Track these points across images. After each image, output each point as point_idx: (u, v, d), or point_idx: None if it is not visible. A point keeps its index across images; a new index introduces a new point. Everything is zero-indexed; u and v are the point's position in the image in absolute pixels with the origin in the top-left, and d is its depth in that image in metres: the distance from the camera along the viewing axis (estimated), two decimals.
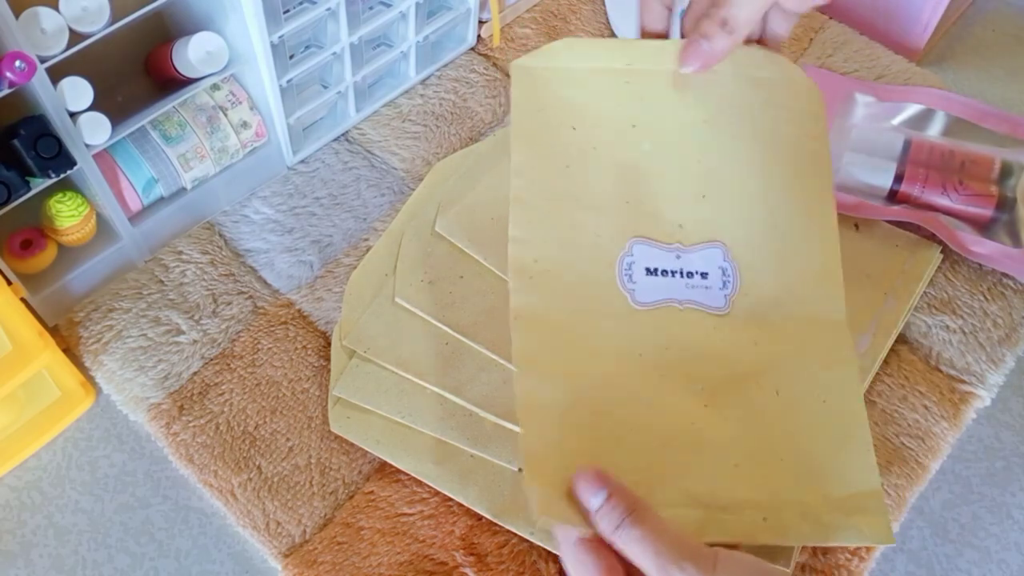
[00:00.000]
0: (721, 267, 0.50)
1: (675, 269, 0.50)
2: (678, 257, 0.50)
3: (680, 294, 0.49)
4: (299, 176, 0.72)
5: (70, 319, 0.63)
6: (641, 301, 0.49)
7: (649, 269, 0.49)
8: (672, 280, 0.49)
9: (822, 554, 0.57)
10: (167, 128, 0.62)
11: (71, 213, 0.59)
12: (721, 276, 0.50)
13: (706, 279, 0.50)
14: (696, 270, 0.50)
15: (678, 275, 0.50)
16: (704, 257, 0.50)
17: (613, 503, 0.38)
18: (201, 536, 0.57)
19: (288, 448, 0.59)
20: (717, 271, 0.50)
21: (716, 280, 0.50)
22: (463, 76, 0.79)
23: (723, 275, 0.50)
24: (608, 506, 0.38)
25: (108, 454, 0.60)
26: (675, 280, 0.49)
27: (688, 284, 0.50)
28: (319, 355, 0.63)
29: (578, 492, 0.39)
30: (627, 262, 0.49)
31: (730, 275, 0.50)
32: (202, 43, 0.61)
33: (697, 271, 0.50)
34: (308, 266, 0.67)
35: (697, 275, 0.50)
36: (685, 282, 0.50)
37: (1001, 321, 0.66)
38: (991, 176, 0.70)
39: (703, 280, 0.50)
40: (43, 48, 0.52)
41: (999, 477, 0.63)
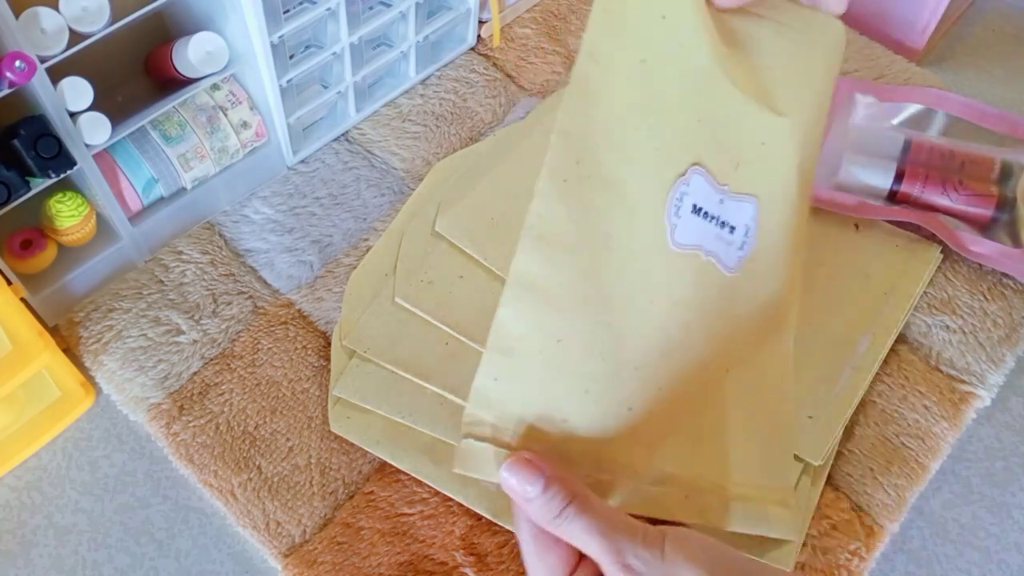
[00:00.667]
0: (747, 225, 0.45)
1: (716, 214, 0.44)
2: (721, 201, 0.44)
3: (709, 243, 0.44)
4: (299, 176, 0.72)
5: (70, 319, 0.63)
6: (678, 242, 0.43)
7: (696, 207, 0.43)
8: (709, 225, 0.44)
9: (822, 553, 0.57)
10: (167, 128, 0.62)
11: (71, 213, 0.59)
12: (744, 235, 0.45)
13: (732, 234, 0.44)
14: (728, 221, 0.44)
15: (715, 222, 0.44)
16: (739, 209, 0.44)
17: (551, 493, 0.36)
18: (201, 536, 0.57)
19: (288, 448, 0.59)
20: (743, 228, 0.44)
21: (739, 237, 0.44)
22: (463, 76, 0.79)
23: (745, 234, 0.45)
24: (546, 496, 0.36)
25: (108, 454, 0.60)
26: (711, 226, 0.44)
27: (718, 235, 0.44)
28: (319, 355, 0.63)
29: (509, 483, 0.37)
30: (681, 191, 0.43)
31: (750, 236, 0.45)
32: (202, 43, 0.61)
33: (729, 223, 0.44)
34: (308, 266, 0.67)
35: (728, 227, 0.44)
36: (717, 232, 0.44)
37: (1001, 321, 0.66)
38: (991, 176, 0.70)
39: (730, 234, 0.44)
40: (43, 48, 0.52)
41: (999, 477, 0.63)
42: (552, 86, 0.79)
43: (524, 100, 0.78)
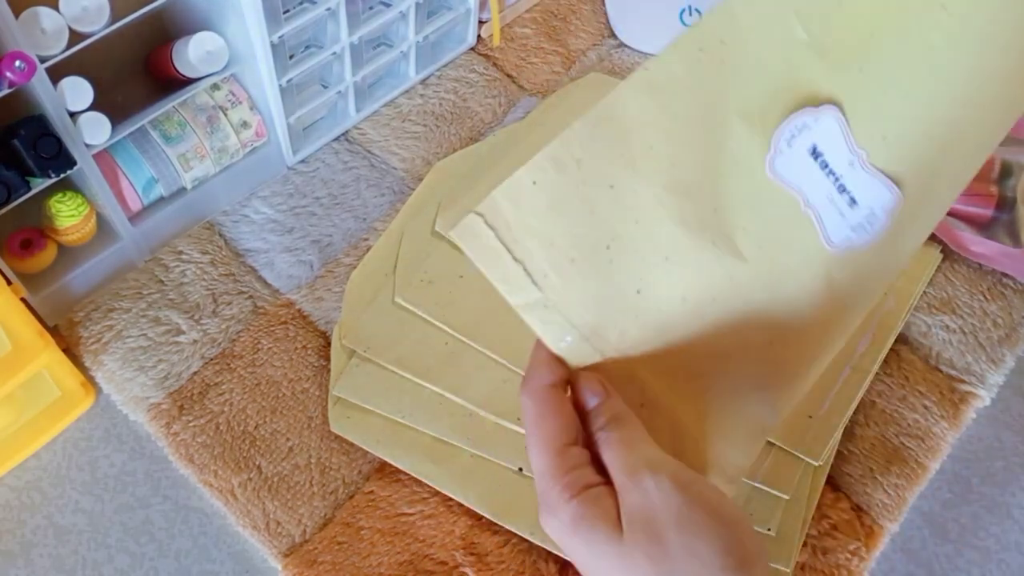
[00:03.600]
0: (876, 212, 0.39)
1: (838, 173, 0.39)
2: (851, 164, 0.39)
3: (815, 198, 0.39)
4: (299, 176, 0.72)
5: (70, 319, 0.63)
6: (776, 170, 0.38)
7: (815, 150, 0.39)
8: (823, 180, 0.39)
9: (822, 553, 0.57)
10: (167, 128, 0.62)
11: (71, 213, 0.59)
12: (867, 219, 0.39)
13: (852, 208, 0.39)
14: (853, 192, 0.39)
15: (833, 180, 0.39)
16: (873, 189, 0.39)
17: (607, 405, 0.37)
18: (201, 536, 0.57)
19: (288, 448, 0.59)
20: (867, 211, 0.39)
21: (859, 217, 0.39)
22: (463, 76, 0.79)
23: (869, 220, 0.39)
24: (601, 407, 0.37)
25: (108, 454, 0.60)
26: (826, 182, 0.39)
27: (831, 196, 0.39)
28: (319, 355, 0.63)
29: (579, 391, 0.37)
30: (802, 123, 0.38)
31: (876, 227, 0.39)
32: (202, 43, 0.61)
33: (852, 193, 0.39)
34: (308, 266, 0.67)
35: (848, 196, 0.39)
36: (832, 193, 0.39)
37: (1001, 321, 0.66)
38: (991, 176, 0.70)
39: (849, 207, 0.39)
40: (43, 48, 0.52)
41: (999, 477, 0.62)
42: (552, 86, 0.79)
43: (524, 100, 0.78)
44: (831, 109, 0.38)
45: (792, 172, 0.38)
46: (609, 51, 0.82)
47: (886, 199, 0.39)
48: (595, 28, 0.83)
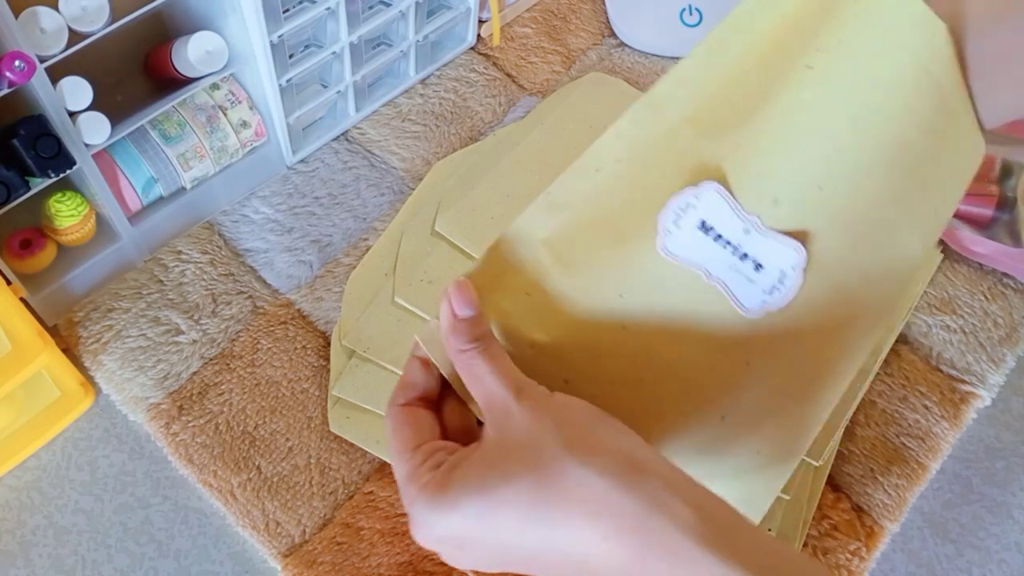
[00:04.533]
0: (783, 271, 0.40)
1: (734, 242, 0.40)
2: (746, 232, 0.40)
3: (717, 269, 0.40)
4: (299, 176, 0.72)
5: (69, 319, 0.63)
6: (668, 251, 0.40)
7: (704, 225, 0.40)
8: (721, 251, 0.40)
9: (822, 553, 0.57)
10: (166, 128, 0.62)
11: (70, 213, 0.59)
12: (777, 280, 0.40)
13: (758, 272, 0.40)
14: (755, 257, 0.40)
15: (730, 250, 0.40)
16: (774, 250, 0.40)
17: (477, 319, 0.38)
18: (200, 536, 0.57)
19: (288, 448, 0.59)
20: (776, 272, 0.40)
21: (768, 280, 0.40)
22: (463, 76, 0.79)
23: (779, 280, 0.40)
24: (472, 320, 0.38)
25: (107, 454, 0.60)
26: (723, 253, 0.40)
27: (734, 265, 0.40)
28: (318, 355, 0.63)
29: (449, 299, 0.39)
30: (685, 202, 0.40)
31: (787, 286, 0.40)
32: (201, 42, 0.61)
33: (755, 259, 0.40)
34: (308, 266, 0.67)
35: (751, 262, 0.40)
36: (733, 261, 0.40)
37: (1001, 321, 0.66)
38: (991, 176, 0.70)
39: (755, 271, 0.40)
40: (42, 48, 0.52)
41: (999, 477, 0.62)
42: (552, 85, 0.79)
43: (524, 100, 0.78)
44: (710, 184, 0.40)
45: (686, 250, 0.41)
46: (609, 51, 0.82)
47: (792, 258, 0.40)
48: (595, 28, 0.83)
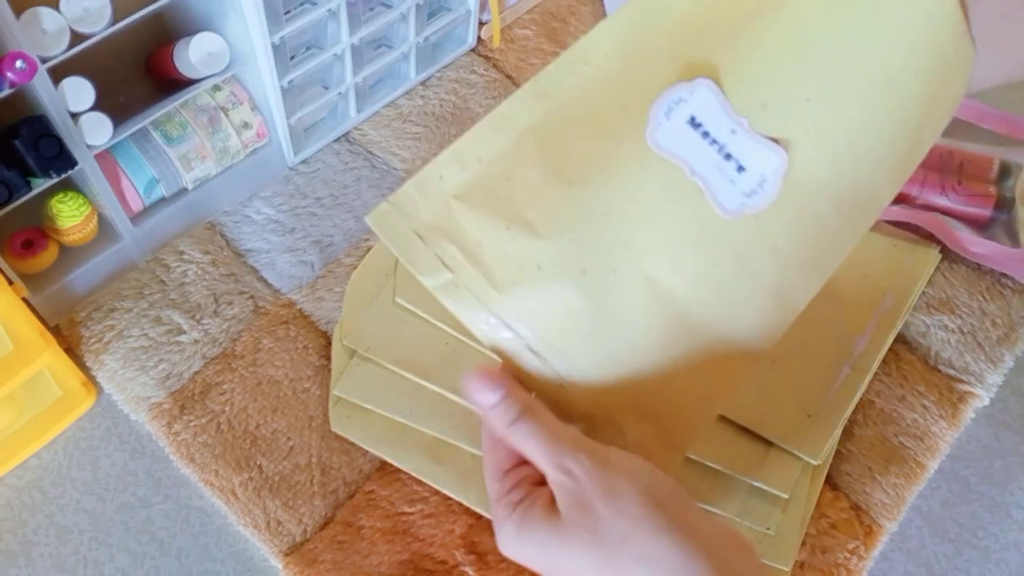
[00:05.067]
0: (764, 175, 0.40)
1: (720, 141, 0.40)
2: (733, 132, 0.40)
3: (700, 166, 0.40)
4: (300, 176, 0.72)
5: (71, 319, 0.63)
6: (657, 143, 0.40)
7: (694, 120, 0.40)
8: (706, 149, 0.40)
9: (821, 552, 0.57)
10: (168, 128, 0.63)
11: (72, 213, 0.59)
12: (757, 183, 0.40)
13: (740, 174, 0.40)
14: (738, 158, 0.40)
15: (716, 148, 0.40)
16: (759, 154, 0.40)
17: (508, 402, 0.39)
18: (202, 535, 0.57)
19: (289, 447, 0.59)
20: (757, 175, 0.40)
21: (748, 182, 0.40)
22: (463, 77, 0.79)
23: (759, 184, 0.40)
24: (503, 405, 0.39)
25: (109, 453, 0.60)
26: (709, 150, 0.40)
27: (717, 164, 0.40)
28: (320, 355, 0.63)
29: (471, 393, 0.40)
30: (677, 96, 0.39)
31: (766, 191, 0.40)
32: (203, 44, 0.61)
33: (738, 160, 0.40)
34: (309, 266, 0.67)
35: (735, 162, 0.40)
36: (716, 160, 0.40)
37: (1000, 321, 0.67)
38: (989, 176, 0.70)
39: (737, 173, 0.40)
40: (44, 48, 0.52)
41: (998, 476, 0.63)
42: None
43: None
44: (704, 81, 0.40)
45: (674, 143, 0.40)
46: None
47: (774, 163, 0.40)
48: None
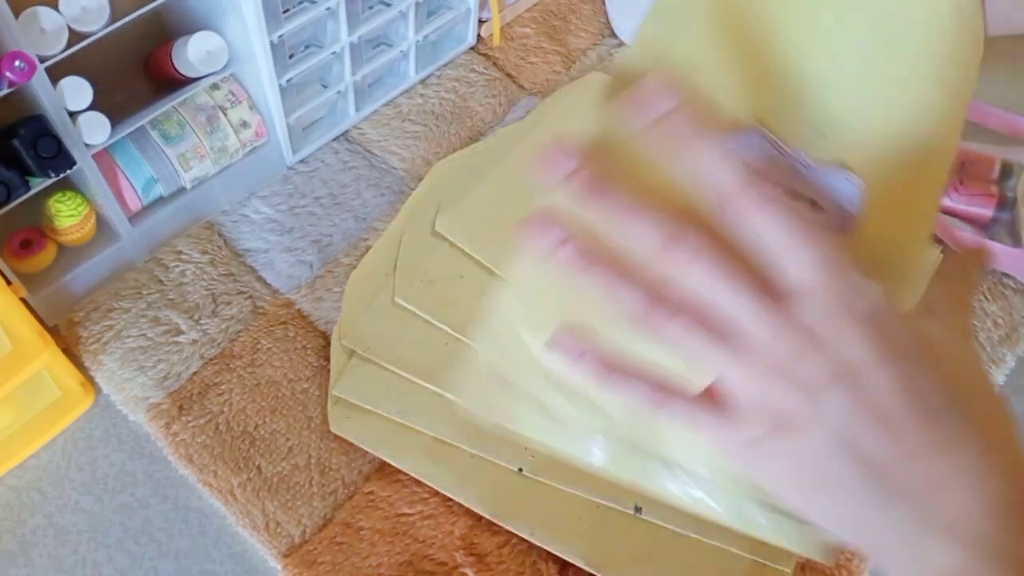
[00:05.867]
0: (838, 198, 0.37)
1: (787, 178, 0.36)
2: (797, 172, 0.37)
3: None
4: (299, 176, 0.72)
5: (70, 319, 0.63)
6: None
7: None
8: None
9: None
10: (167, 128, 0.62)
11: (71, 213, 0.59)
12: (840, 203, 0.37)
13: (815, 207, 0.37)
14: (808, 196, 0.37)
15: None
16: (827, 180, 0.37)
17: None
18: (201, 536, 0.57)
19: (288, 448, 0.59)
20: (832, 208, 0.37)
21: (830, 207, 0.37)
22: (463, 76, 0.79)
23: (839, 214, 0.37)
24: None
25: (108, 454, 0.60)
26: None
27: None
28: (319, 355, 0.63)
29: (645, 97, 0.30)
30: None
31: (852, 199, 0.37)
32: (201, 43, 0.61)
33: (808, 198, 0.37)
34: (308, 266, 0.67)
35: (806, 203, 0.37)
36: None
37: (1001, 321, 0.66)
38: (991, 176, 0.70)
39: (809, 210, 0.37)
40: (43, 48, 0.52)
41: None
42: (552, 86, 0.79)
43: (524, 100, 0.78)
44: (752, 132, 0.37)
45: None
46: (609, 51, 0.82)
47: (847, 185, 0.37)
48: (595, 28, 0.83)
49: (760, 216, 0.29)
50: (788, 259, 0.30)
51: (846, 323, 0.29)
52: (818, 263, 0.29)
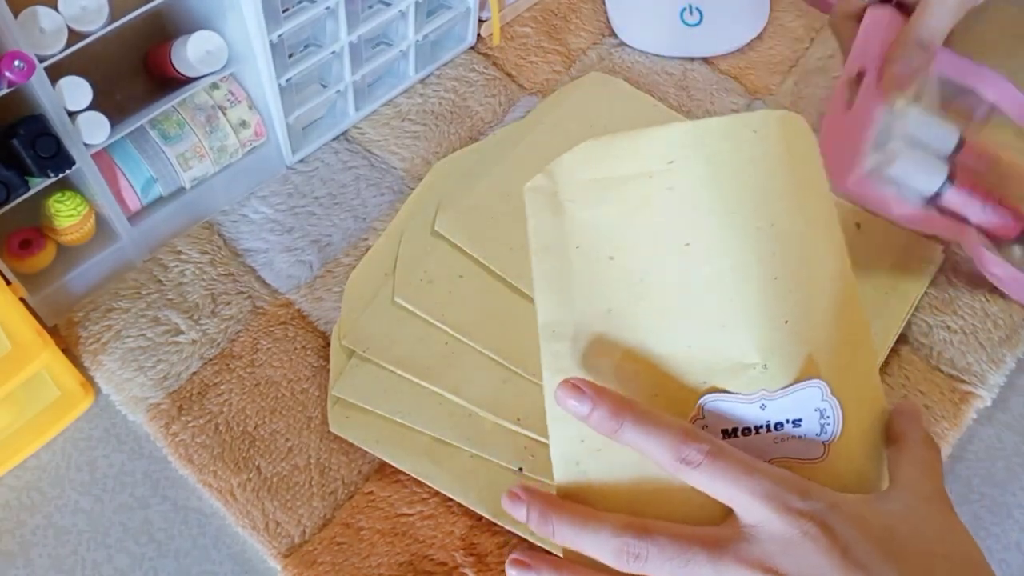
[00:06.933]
0: (819, 408, 0.38)
1: (760, 423, 0.38)
2: (763, 408, 0.38)
3: (768, 452, 0.39)
4: (298, 175, 0.71)
5: (69, 319, 0.63)
6: None
7: (727, 432, 0.39)
8: (757, 438, 0.38)
9: None
10: (166, 127, 0.62)
11: (70, 213, 0.59)
12: (819, 420, 0.38)
13: (799, 427, 0.38)
14: (787, 418, 0.38)
15: (764, 429, 0.38)
16: (797, 400, 0.38)
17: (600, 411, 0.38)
18: (200, 536, 0.57)
19: (287, 448, 0.59)
20: (813, 414, 0.38)
21: (812, 425, 0.39)
22: (463, 75, 0.79)
23: (821, 418, 0.38)
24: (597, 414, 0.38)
25: (107, 454, 0.60)
26: (761, 437, 0.38)
27: (777, 438, 0.39)
28: (318, 355, 0.63)
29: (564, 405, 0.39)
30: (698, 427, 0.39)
31: (829, 416, 0.39)
32: (201, 42, 0.61)
33: (788, 419, 0.38)
34: (307, 266, 0.67)
35: (789, 424, 0.38)
36: (774, 436, 0.39)
37: (1002, 322, 0.66)
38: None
39: (795, 428, 0.38)
40: (42, 47, 0.52)
41: (999, 477, 0.62)
42: (552, 85, 0.79)
43: (524, 99, 0.78)
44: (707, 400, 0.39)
45: None
46: (609, 50, 0.82)
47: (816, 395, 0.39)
48: (595, 27, 0.83)
49: (697, 478, 0.36)
50: (734, 508, 0.36)
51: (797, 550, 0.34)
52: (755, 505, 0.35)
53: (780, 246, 0.39)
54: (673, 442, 0.36)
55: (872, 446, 0.42)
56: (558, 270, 0.41)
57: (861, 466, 0.41)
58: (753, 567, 0.35)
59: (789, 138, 0.41)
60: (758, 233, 0.38)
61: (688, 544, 0.36)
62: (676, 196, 0.39)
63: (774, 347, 0.38)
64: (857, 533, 0.35)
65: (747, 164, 0.39)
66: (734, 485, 0.36)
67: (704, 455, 0.36)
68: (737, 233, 0.38)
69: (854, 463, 0.41)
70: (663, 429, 0.37)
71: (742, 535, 0.36)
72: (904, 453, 0.40)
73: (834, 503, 0.36)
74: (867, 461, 0.41)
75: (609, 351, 0.40)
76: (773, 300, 0.38)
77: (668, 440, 0.36)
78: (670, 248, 0.39)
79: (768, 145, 0.40)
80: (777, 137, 0.40)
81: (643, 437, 0.37)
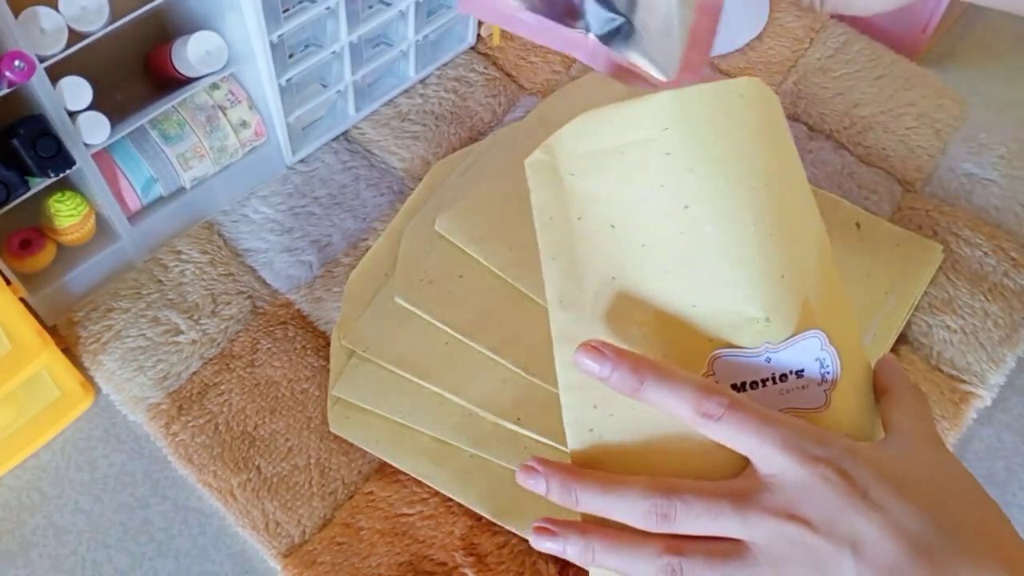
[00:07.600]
0: (819, 358, 0.39)
1: (767, 376, 0.39)
2: (768, 360, 0.39)
3: (776, 404, 0.39)
4: (298, 176, 0.71)
5: (69, 319, 0.63)
6: None
7: (735, 387, 0.39)
8: (765, 391, 0.39)
9: None
10: (166, 127, 0.62)
11: (70, 212, 0.59)
12: (819, 369, 0.39)
13: (801, 377, 0.39)
14: (791, 369, 0.39)
15: (770, 382, 0.39)
16: (799, 351, 0.39)
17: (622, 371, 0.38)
18: (200, 536, 0.57)
19: (287, 448, 0.59)
20: (814, 364, 0.39)
21: (814, 375, 0.39)
22: (463, 75, 0.79)
23: (821, 367, 0.39)
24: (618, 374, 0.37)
25: (107, 454, 0.60)
26: (768, 390, 0.39)
27: (783, 390, 0.39)
28: (318, 355, 0.63)
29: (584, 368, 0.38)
30: None
31: (828, 365, 0.39)
32: (201, 42, 0.61)
33: (792, 370, 0.39)
34: (307, 266, 0.67)
35: (792, 375, 0.39)
36: (779, 388, 0.39)
37: (1002, 321, 0.66)
38: None
39: (798, 379, 0.39)
40: (42, 47, 0.52)
41: (999, 477, 0.62)
42: (552, 85, 0.79)
43: (524, 99, 0.78)
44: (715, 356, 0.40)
45: None
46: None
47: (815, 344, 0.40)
48: None
49: (718, 431, 0.37)
50: (753, 459, 0.37)
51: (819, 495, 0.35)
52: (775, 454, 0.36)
53: (774, 204, 0.40)
54: (693, 397, 0.36)
55: (865, 396, 0.43)
56: (562, 242, 0.41)
57: (858, 416, 0.42)
58: (779, 515, 0.35)
59: (768, 103, 0.42)
60: (753, 192, 0.39)
61: (715, 499, 0.36)
62: (672, 160, 0.39)
63: (775, 301, 0.39)
64: (873, 476, 0.36)
65: (738, 127, 0.40)
66: (755, 436, 0.36)
67: (725, 408, 0.36)
68: (734, 193, 0.39)
69: (852, 413, 0.41)
70: (683, 385, 0.37)
71: (764, 485, 0.36)
72: (895, 403, 0.41)
73: (849, 448, 0.37)
74: (863, 411, 0.42)
75: (617, 317, 0.40)
76: (772, 255, 0.39)
77: (688, 395, 0.37)
78: (670, 211, 0.39)
79: (755, 110, 0.41)
80: (759, 102, 0.41)
81: (664, 394, 0.37)
